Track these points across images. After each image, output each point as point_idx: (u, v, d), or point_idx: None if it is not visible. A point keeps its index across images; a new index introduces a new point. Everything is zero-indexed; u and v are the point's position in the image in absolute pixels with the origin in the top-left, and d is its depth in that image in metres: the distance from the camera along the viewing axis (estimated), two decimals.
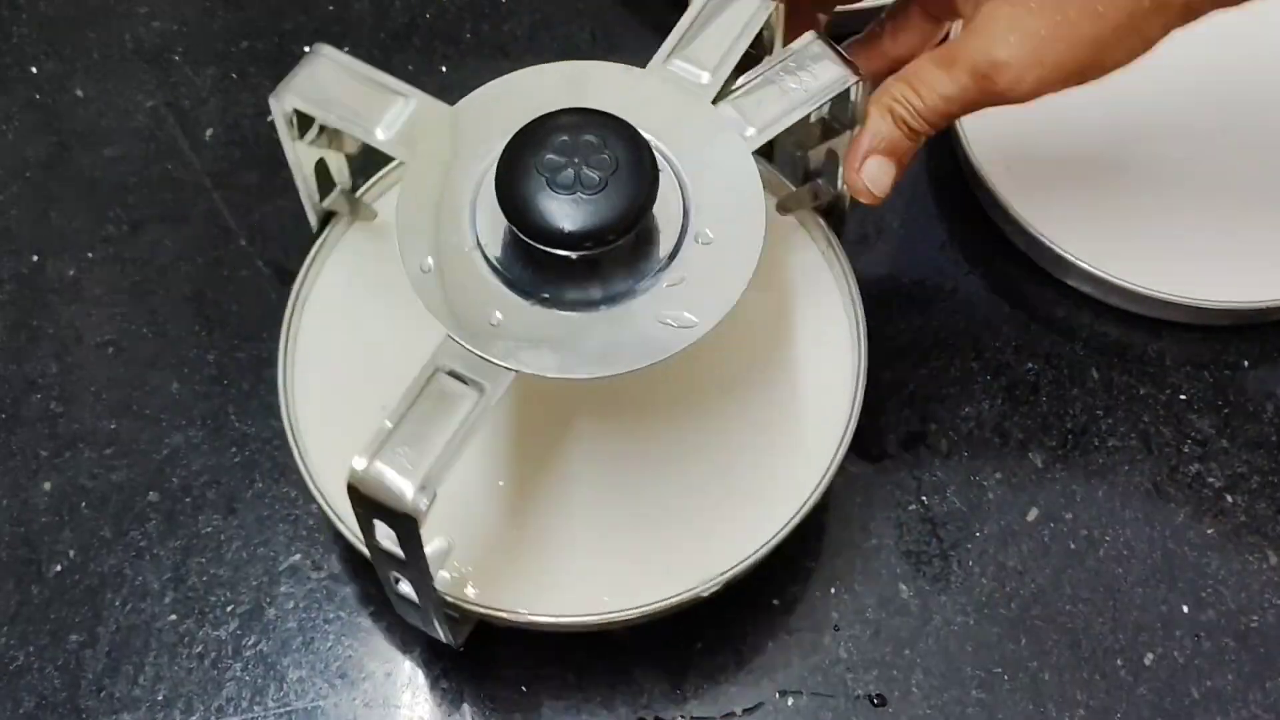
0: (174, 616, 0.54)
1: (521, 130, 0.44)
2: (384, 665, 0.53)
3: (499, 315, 0.43)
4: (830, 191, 0.53)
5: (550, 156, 0.43)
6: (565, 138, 0.43)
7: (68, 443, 0.57)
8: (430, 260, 0.44)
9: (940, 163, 0.65)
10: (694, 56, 0.48)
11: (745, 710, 0.52)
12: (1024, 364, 0.59)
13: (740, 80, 0.49)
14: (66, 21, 0.70)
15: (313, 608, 0.54)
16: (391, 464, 0.40)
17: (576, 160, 0.42)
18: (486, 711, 0.52)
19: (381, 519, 0.41)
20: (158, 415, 0.58)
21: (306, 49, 0.49)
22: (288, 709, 0.52)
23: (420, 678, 0.53)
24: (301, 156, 0.50)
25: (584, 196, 0.42)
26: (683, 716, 0.52)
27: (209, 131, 0.66)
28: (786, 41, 0.50)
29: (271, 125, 0.65)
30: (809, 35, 0.49)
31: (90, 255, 0.62)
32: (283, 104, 0.48)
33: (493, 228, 0.45)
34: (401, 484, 0.40)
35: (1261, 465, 0.57)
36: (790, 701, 0.52)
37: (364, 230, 0.55)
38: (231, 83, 0.67)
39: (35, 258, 0.62)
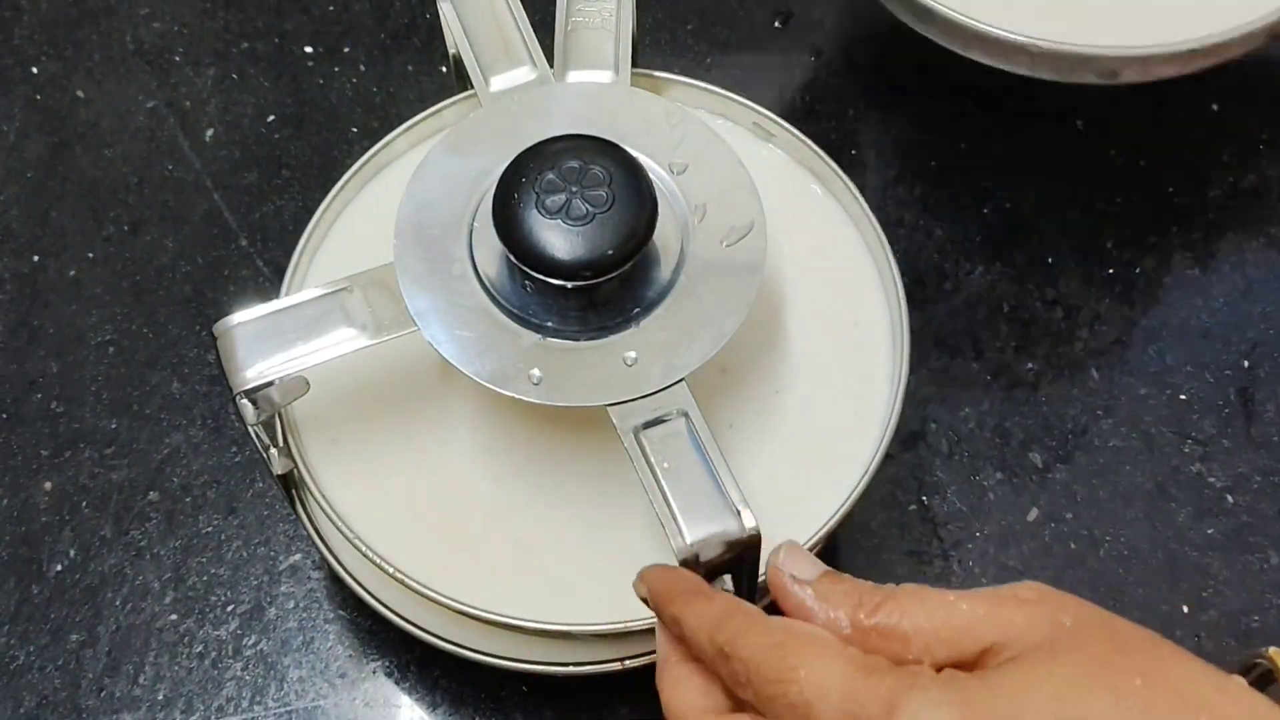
0: (174, 616, 0.54)
1: (501, 190, 0.42)
2: (384, 665, 0.53)
3: (631, 353, 0.42)
4: None
5: (550, 198, 0.42)
6: (551, 175, 0.42)
7: (68, 442, 0.57)
8: (536, 371, 0.42)
9: (945, 161, 0.65)
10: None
11: None
12: (1024, 364, 0.59)
13: (564, 47, 0.48)
14: (67, 22, 0.70)
15: (313, 608, 0.54)
16: None
17: (574, 190, 0.42)
18: (488, 712, 0.52)
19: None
20: (158, 415, 0.58)
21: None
22: (288, 709, 0.52)
23: (421, 677, 0.53)
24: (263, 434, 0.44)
25: (601, 216, 0.41)
26: None
27: (209, 131, 0.66)
28: None
29: (272, 125, 0.66)
30: None
31: (90, 255, 0.62)
32: (250, 390, 0.42)
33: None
34: None
35: (1263, 465, 0.57)
36: None
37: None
38: (231, 83, 0.67)
39: (35, 258, 0.62)
